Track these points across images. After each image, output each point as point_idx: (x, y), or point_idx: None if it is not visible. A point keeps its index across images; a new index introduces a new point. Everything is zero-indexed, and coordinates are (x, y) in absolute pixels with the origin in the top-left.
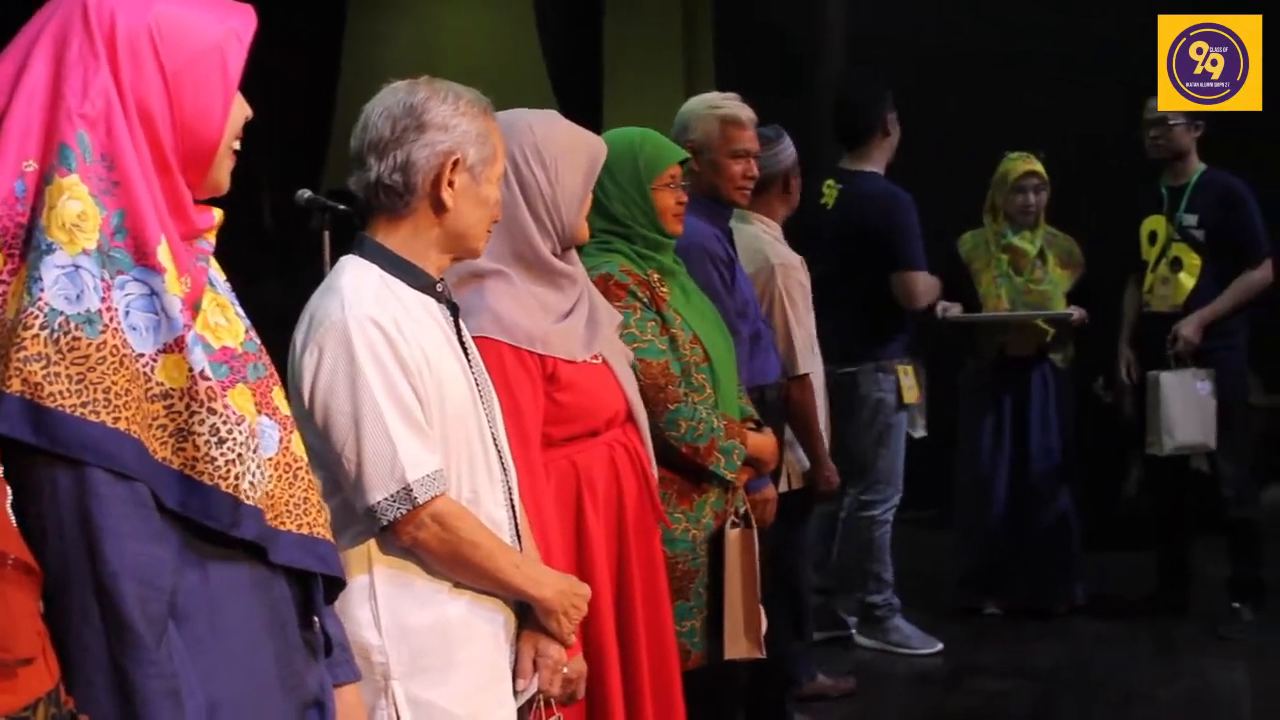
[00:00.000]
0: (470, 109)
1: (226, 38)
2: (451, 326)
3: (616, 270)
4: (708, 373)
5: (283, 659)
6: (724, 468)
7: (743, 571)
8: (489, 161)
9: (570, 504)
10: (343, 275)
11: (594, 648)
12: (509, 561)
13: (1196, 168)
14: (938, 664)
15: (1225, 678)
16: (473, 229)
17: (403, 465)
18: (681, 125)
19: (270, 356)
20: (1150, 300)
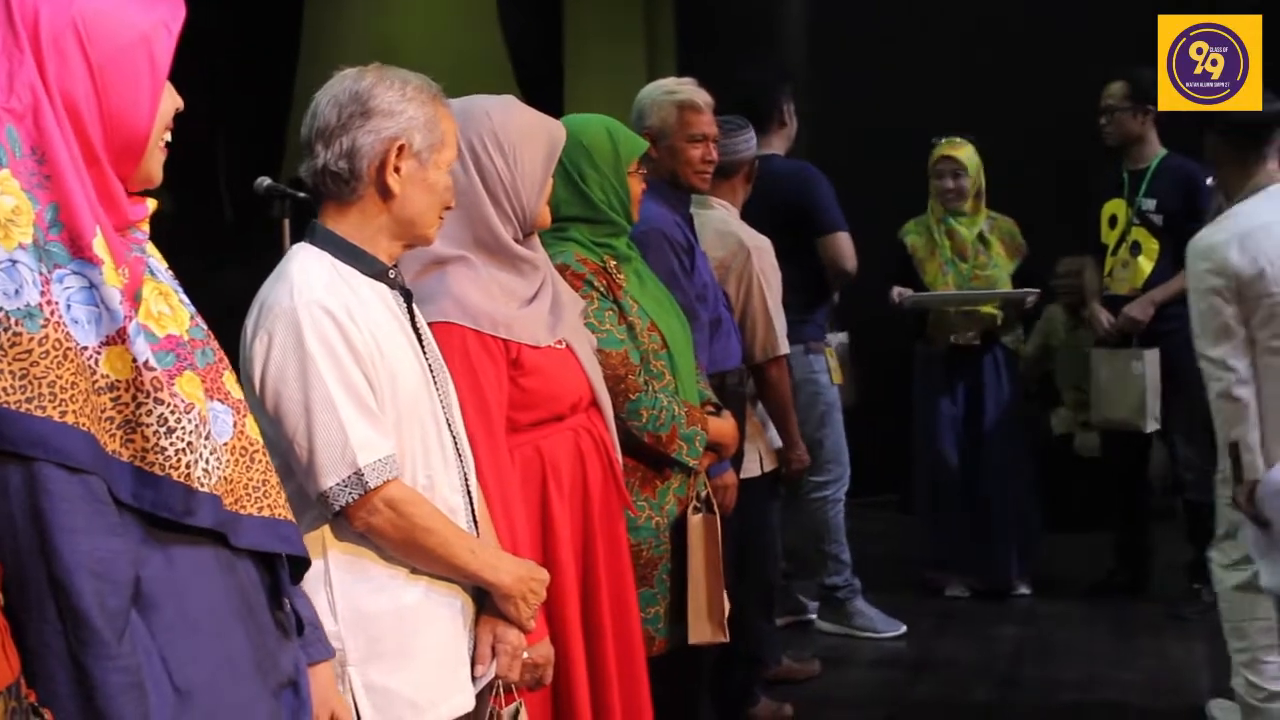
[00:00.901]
0: (418, 94)
1: (154, 29)
2: (405, 313)
3: (572, 260)
4: (666, 359)
5: (255, 641)
6: (686, 455)
7: (706, 556)
8: (437, 147)
9: (535, 490)
10: (293, 263)
11: (559, 633)
12: (464, 547)
13: (1157, 152)
14: (902, 647)
15: (1185, 658)
16: (421, 215)
17: (354, 450)
18: (638, 112)
19: (229, 344)
20: (1110, 283)
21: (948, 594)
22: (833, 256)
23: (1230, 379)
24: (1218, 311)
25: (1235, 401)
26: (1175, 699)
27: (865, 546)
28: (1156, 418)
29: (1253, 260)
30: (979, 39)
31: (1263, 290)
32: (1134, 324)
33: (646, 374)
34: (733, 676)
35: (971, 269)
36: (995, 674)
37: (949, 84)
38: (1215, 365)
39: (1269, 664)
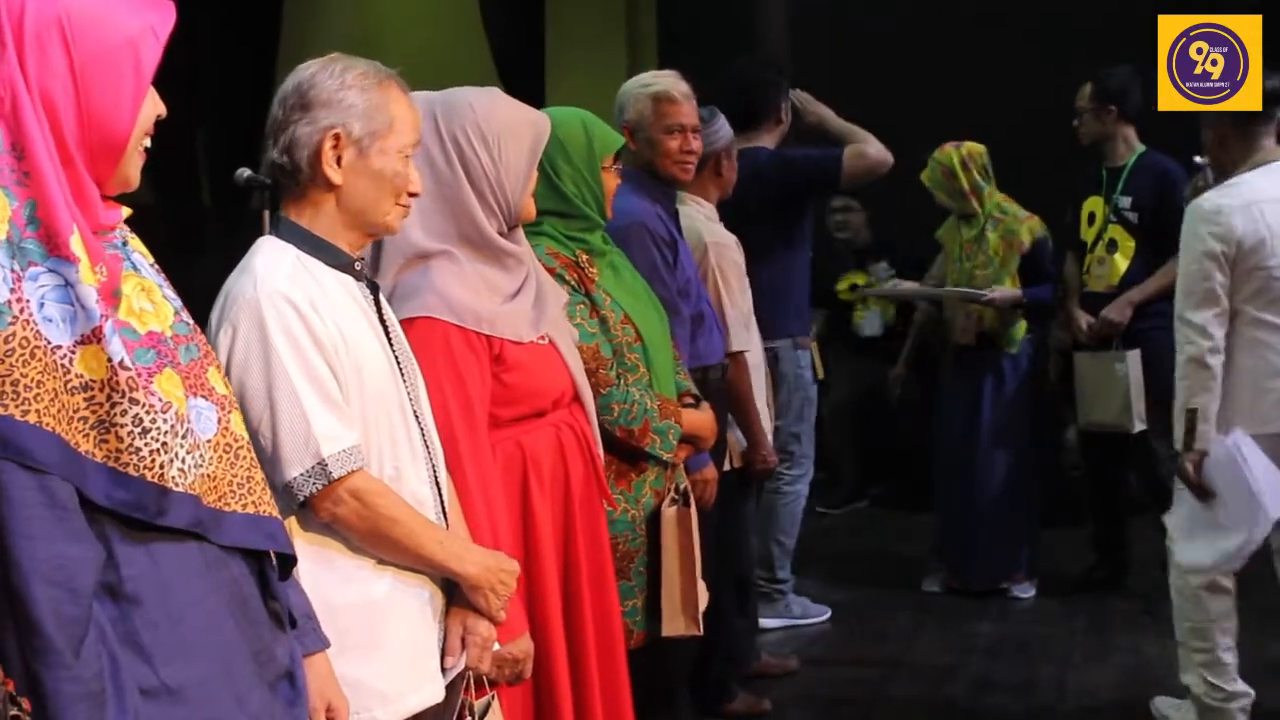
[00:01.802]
0: (361, 80)
1: (142, 33)
2: (371, 305)
3: (543, 253)
4: (641, 352)
5: (249, 634)
6: (660, 448)
7: (680, 549)
8: (380, 134)
9: (517, 485)
10: (257, 255)
11: (540, 628)
12: (431, 538)
13: (1135, 150)
14: (880, 644)
15: (1159, 654)
16: (371, 205)
17: (317, 440)
18: (618, 107)
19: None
20: (1088, 280)
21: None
22: (858, 162)
23: (1205, 346)
24: (1208, 275)
25: (1204, 370)
26: (1150, 694)
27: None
28: (1142, 418)
29: (1255, 229)
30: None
31: (1259, 261)
32: (1112, 326)
33: (621, 367)
34: (710, 672)
35: (972, 268)
36: (971, 671)
37: (937, 84)
38: (1194, 329)
39: (1229, 664)
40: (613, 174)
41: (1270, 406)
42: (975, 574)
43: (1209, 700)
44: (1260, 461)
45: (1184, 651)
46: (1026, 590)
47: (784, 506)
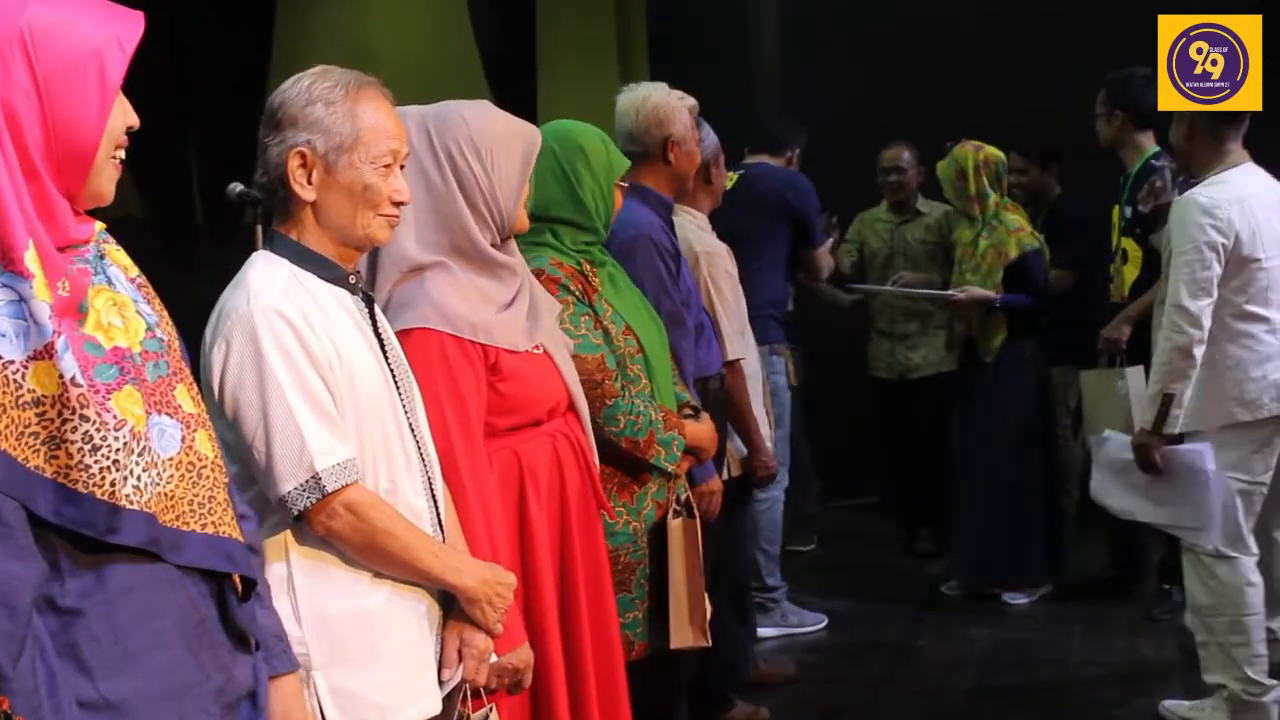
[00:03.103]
0: (327, 93)
1: (107, 44)
2: (366, 318)
3: (548, 264)
4: (642, 363)
5: (203, 655)
6: (664, 460)
7: (686, 561)
8: (346, 147)
9: (513, 494)
10: (252, 270)
11: (538, 638)
12: (427, 550)
13: (1143, 155)
14: (878, 650)
15: (1156, 657)
16: (347, 220)
17: (311, 454)
18: (657, 119)
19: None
20: (1111, 290)
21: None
22: (817, 268)
23: (1196, 336)
24: (1208, 266)
25: (1189, 358)
26: (1147, 700)
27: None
28: None
29: (1248, 224)
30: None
31: (1250, 254)
32: (1111, 344)
33: (624, 379)
34: (709, 681)
35: (964, 270)
36: (969, 678)
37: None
38: (1187, 319)
39: (1264, 658)
40: (620, 192)
41: (1258, 393)
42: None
43: (1246, 696)
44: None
45: (1216, 649)
46: (1017, 598)
47: (763, 514)
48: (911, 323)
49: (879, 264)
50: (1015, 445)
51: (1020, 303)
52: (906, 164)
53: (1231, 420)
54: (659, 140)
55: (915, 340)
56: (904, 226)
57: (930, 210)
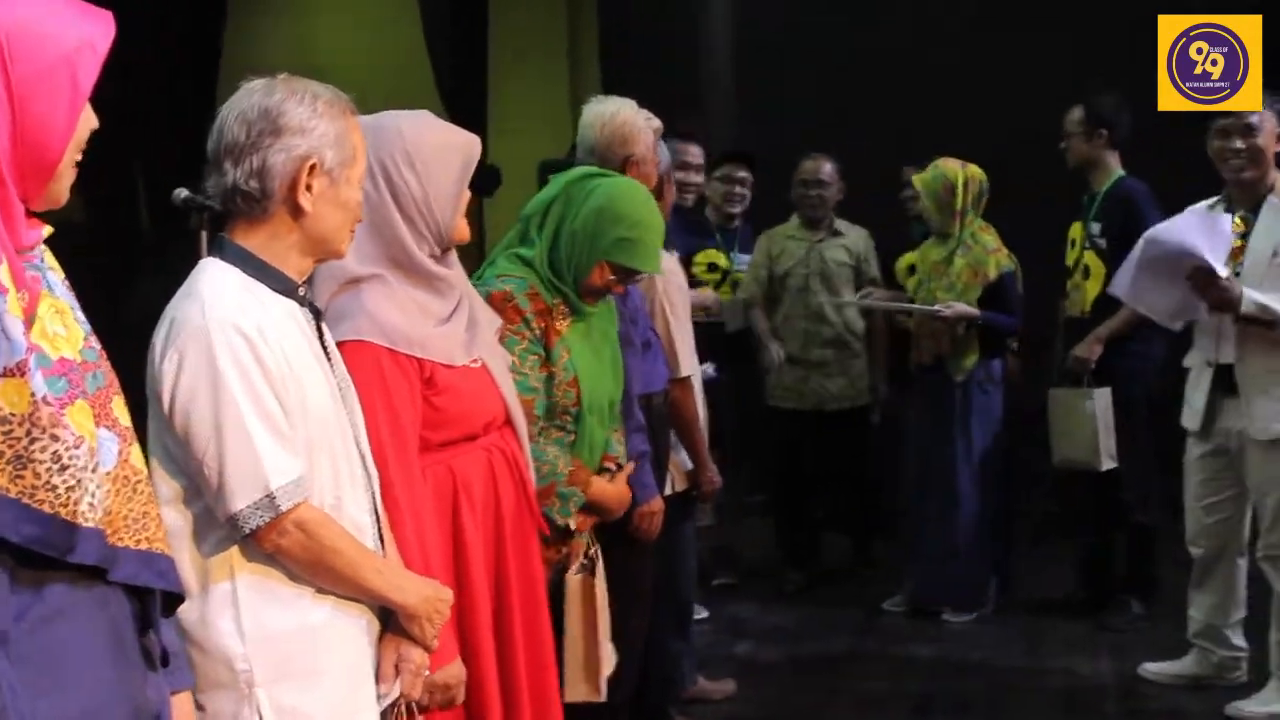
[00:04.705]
0: (329, 109)
1: (79, 49)
2: (314, 330)
3: (522, 293)
4: (575, 418)
5: (124, 674)
6: (557, 512)
7: (584, 617)
8: (348, 163)
9: (447, 509)
10: (203, 278)
11: (471, 654)
12: (371, 567)
13: (1112, 176)
14: (819, 666)
15: (1092, 673)
16: (334, 232)
17: (266, 473)
18: (621, 137)
19: (142, 354)
20: (1067, 305)
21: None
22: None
23: None
24: None
25: None
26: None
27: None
28: (1112, 455)
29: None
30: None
31: None
32: (1082, 364)
33: (553, 427)
34: (648, 696)
35: (935, 288)
36: (910, 693)
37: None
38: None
39: None
40: (610, 280)
41: None
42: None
43: None
44: None
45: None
46: (961, 615)
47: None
48: (827, 349)
49: (794, 286)
50: (980, 465)
51: (1001, 322)
52: (828, 178)
53: None
54: (620, 158)
55: (831, 369)
56: (821, 245)
57: (848, 231)
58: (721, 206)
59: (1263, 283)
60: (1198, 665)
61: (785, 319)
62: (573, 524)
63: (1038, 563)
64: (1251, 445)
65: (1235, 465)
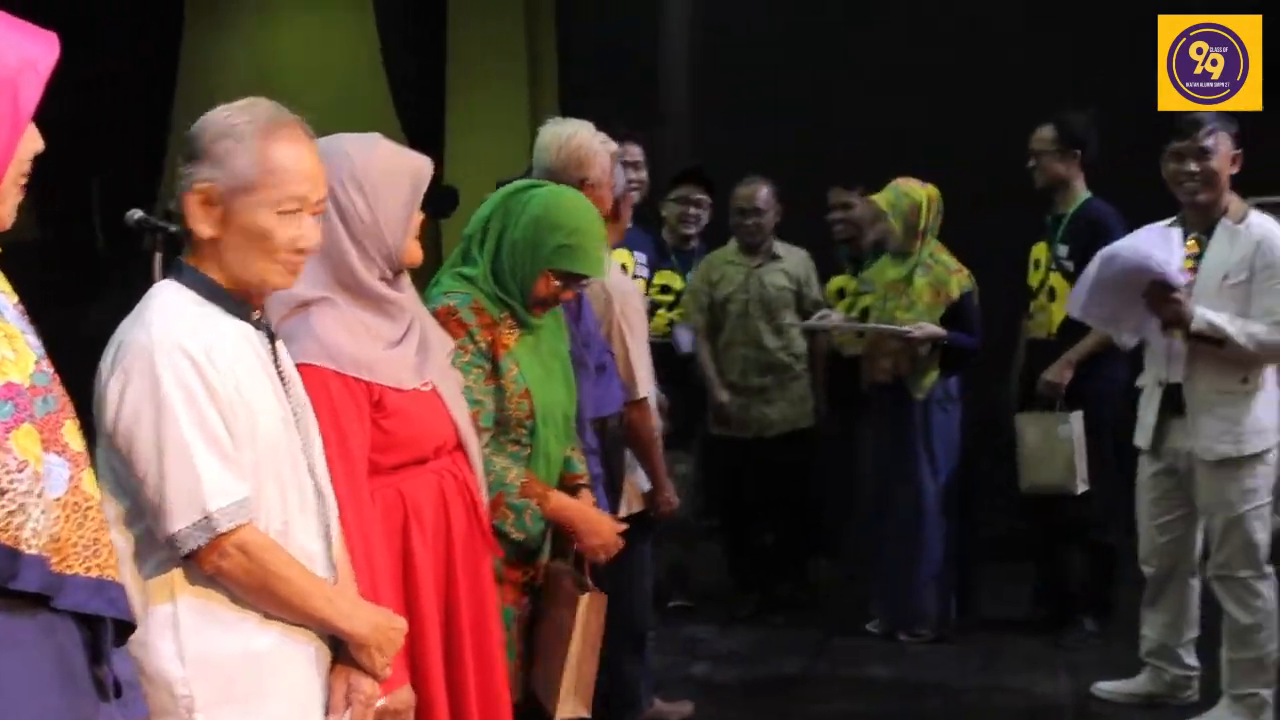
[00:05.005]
0: (243, 129)
1: (21, 70)
2: (269, 354)
3: (466, 306)
4: (530, 429)
5: (73, 703)
6: (511, 524)
7: (589, 636)
8: (249, 188)
9: (397, 533)
10: (154, 301)
11: (421, 679)
12: (318, 594)
13: (1079, 198)
14: (776, 684)
15: (1050, 692)
16: (240, 262)
17: (204, 494)
18: (577, 159)
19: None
20: (1031, 326)
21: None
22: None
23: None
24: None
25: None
26: None
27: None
28: (1085, 479)
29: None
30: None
31: None
32: (1053, 388)
33: (505, 438)
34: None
35: (894, 307)
36: (867, 714)
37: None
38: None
39: None
40: (560, 289)
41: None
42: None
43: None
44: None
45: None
46: (921, 634)
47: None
48: (766, 376)
49: (734, 312)
50: (943, 483)
51: (964, 341)
52: (764, 204)
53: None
54: (575, 180)
55: (771, 395)
56: (760, 271)
57: (787, 255)
58: (677, 228)
59: (1213, 305)
60: (1151, 684)
61: (726, 345)
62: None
63: (994, 582)
64: (1199, 465)
65: (1185, 485)
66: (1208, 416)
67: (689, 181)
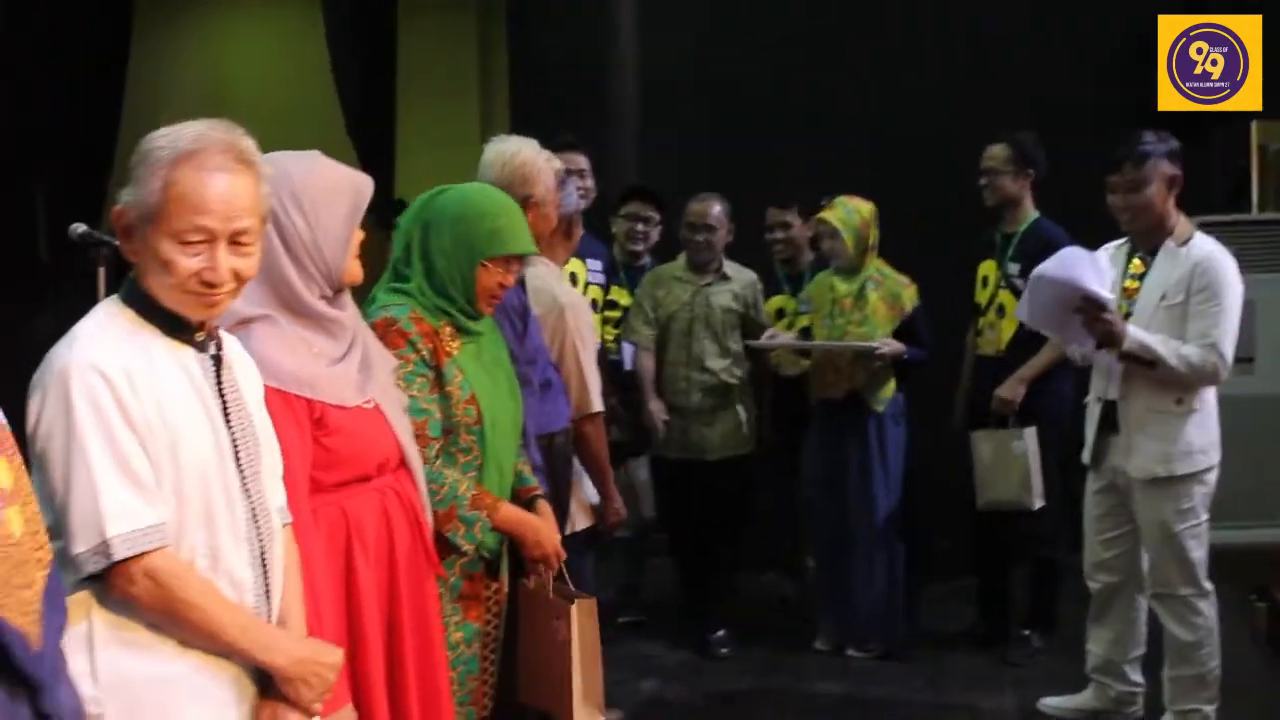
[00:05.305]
0: (157, 154)
1: None
2: (211, 378)
3: (404, 316)
4: (478, 435)
5: None
6: (462, 537)
7: (587, 643)
8: (150, 216)
9: (340, 552)
10: (87, 320)
11: (364, 699)
12: (233, 624)
13: (1028, 216)
14: (722, 701)
15: (994, 709)
16: (158, 288)
17: (103, 518)
18: (521, 176)
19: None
20: (980, 344)
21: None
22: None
23: (1222, 379)
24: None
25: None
26: None
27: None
28: (1040, 494)
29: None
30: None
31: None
32: (1006, 405)
33: (454, 447)
34: None
35: (846, 323)
36: None
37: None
38: (1224, 366)
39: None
40: (502, 275)
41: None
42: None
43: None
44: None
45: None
46: (870, 650)
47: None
48: (709, 397)
49: (678, 330)
50: (896, 497)
51: (919, 356)
52: (715, 221)
53: (1206, 464)
54: (519, 198)
55: (712, 417)
56: (708, 290)
57: (736, 275)
58: (626, 244)
59: (1150, 325)
60: (1095, 700)
61: (668, 364)
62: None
63: (939, 597)
64: (1135, 484)
65: (1127, 501)
66: (1141, 435)
67: (638, 199)
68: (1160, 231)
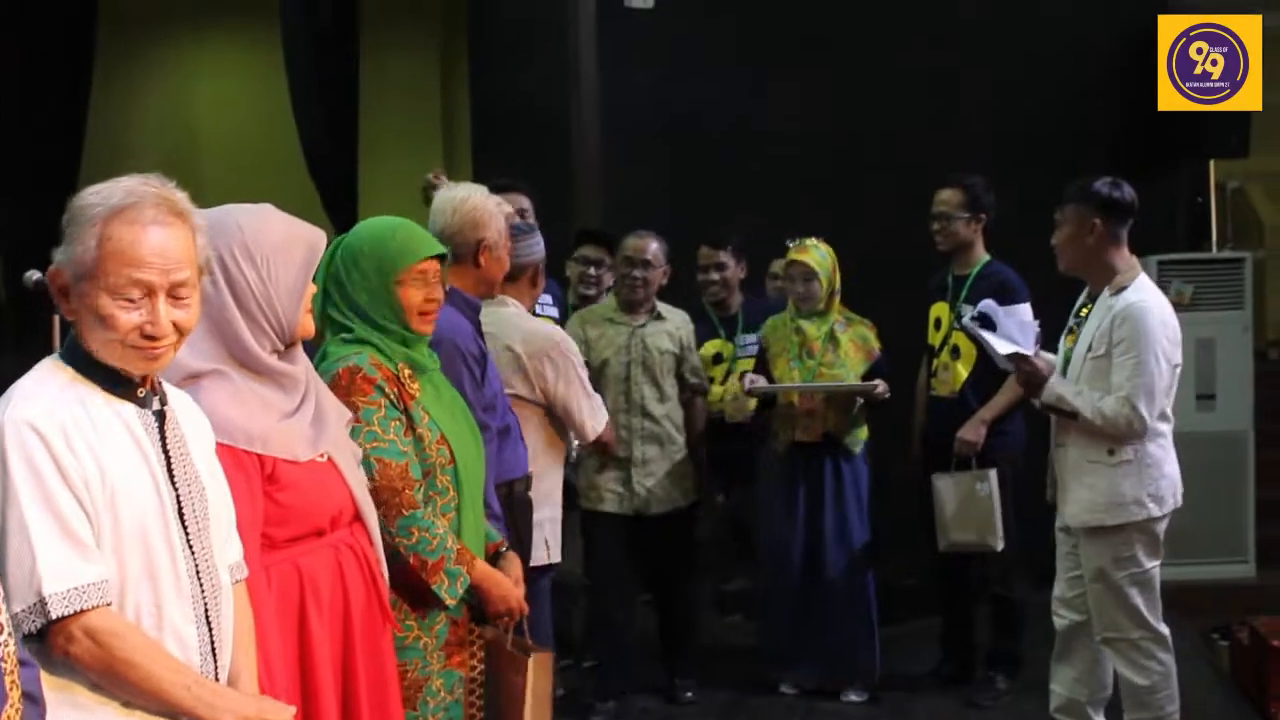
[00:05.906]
0: (88, 210)
1: None
2: (155, 434)
3: (366, 363)
4: (452, 474)
5: None
6: (445, 590)
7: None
8: (82, 275)
9: (293, 608)
10: (27, 377)
11: None
12: (176, 683)
13: (980, 259)
14: None
15: None
16: (99, 346)
17: (40, 577)
18: (473, 221)
19: None
20: (934, 384)
21: (781, 690)
22: None
23: (1139, 434)
24: (1164, 375)
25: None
26: None
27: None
28: (1002, 535)
29: (1176, 330)
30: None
31: (1176, 361)
32: (969, 446)
33: (431, 489)
34: None
35: (818, 365)
36: None
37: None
38: (1140, 422)
39: None
40: (422, 286)
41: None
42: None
43: None
44: None
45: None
46: (861, 694)
47: None
48: (651, 445)
49: (614, 375)
50: (869, 538)
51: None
52: (654, 257)
53: (1143, 516)
54: (471, 242)
55: (654, 467)
56: (643, 331)
57: (670, 315)
58: (578, 288)
59: (1080, 375)
60: None
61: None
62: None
63: (905, 639)
64: (1076, 530)
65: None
66: (1076, 484)
67: (590, 242)
68: (1098, 277)
